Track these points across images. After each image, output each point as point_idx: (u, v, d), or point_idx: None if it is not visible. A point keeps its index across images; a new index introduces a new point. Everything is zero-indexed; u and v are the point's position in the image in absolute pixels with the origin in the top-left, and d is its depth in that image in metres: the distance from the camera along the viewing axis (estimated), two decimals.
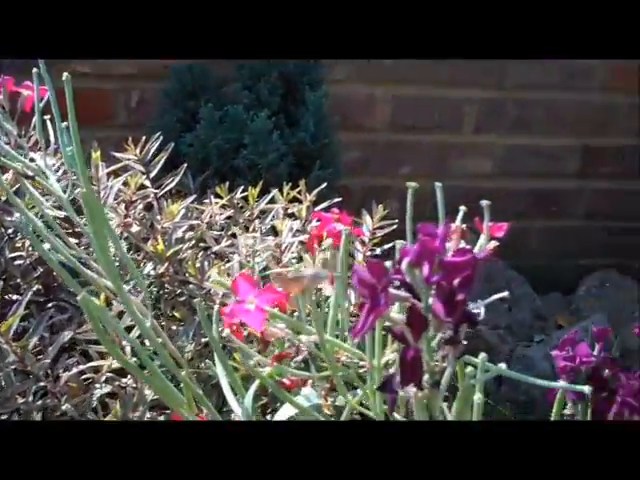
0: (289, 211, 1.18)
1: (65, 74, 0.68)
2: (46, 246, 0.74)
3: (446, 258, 0.54)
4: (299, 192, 1.19)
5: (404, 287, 0.56)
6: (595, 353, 0.93)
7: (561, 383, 0.82)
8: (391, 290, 0.55)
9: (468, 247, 0.64)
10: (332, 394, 0.78)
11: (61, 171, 0.89)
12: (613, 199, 2.19)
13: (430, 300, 0.55)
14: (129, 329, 0.81)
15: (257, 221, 1.12)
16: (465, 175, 2.06)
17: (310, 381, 0.73)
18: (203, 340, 0.93)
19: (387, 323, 0.59)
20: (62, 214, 0.81)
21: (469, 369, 0.63)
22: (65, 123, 0.68)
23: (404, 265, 0.54)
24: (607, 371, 0.92)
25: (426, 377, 0.58)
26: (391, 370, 0.63)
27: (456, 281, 0.54)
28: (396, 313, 0.60)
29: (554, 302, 2.05)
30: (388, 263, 0.62)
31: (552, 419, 0.83)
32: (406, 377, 0.57)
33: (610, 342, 1.74)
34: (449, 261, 0.54)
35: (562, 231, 2.19)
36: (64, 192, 0.69)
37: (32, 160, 0.72)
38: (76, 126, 0.66)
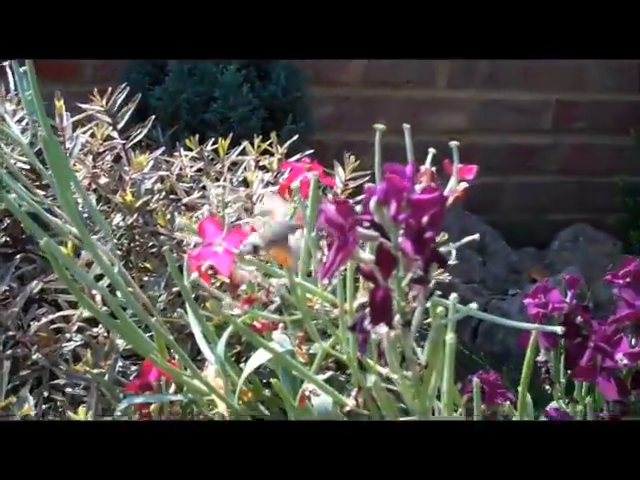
0: (261, 164, 1.16)
1: None
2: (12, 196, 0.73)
3: (414, 196, 0.53)
4: (270, 145, 1.17)
5: (373, 227, 0.55)
6: (567, 300, 0.93)
7: (534, 325, 0.83)
8: (359, 229, 0.55)
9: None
10: (306, 343, 0.78)
11: (25, 121, 0.87)
12: (587, 154, 2.19)
13: (399, 239, 0.54)
14: (99, 278, 0.80)
15: (228, 173, 1.10)
16: (439, 131, 2.04)
17: (281, 325, 0.72)
18: (175, 290, 0.92)
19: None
20: (28, 166, 0.80)
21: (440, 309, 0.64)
22: (23, 67, 0.66)
23: (372, 204, 0.54)
24: (579, 317, 0.93)
25: (397, 317, 0.58)
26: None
27: (424, 219, 0.53)
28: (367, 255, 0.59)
29: (528, 256, 2.06)
30: (358, 207, 0.62)
31: (525, 366, 0.83)
32: (376, 317, 0.56)
33: (583, 295, 1.75)
34: (417, 199, 0.53)
35: (537, 186, 2.19)
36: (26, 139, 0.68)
37: None
38: (34, 71, 0.65)
